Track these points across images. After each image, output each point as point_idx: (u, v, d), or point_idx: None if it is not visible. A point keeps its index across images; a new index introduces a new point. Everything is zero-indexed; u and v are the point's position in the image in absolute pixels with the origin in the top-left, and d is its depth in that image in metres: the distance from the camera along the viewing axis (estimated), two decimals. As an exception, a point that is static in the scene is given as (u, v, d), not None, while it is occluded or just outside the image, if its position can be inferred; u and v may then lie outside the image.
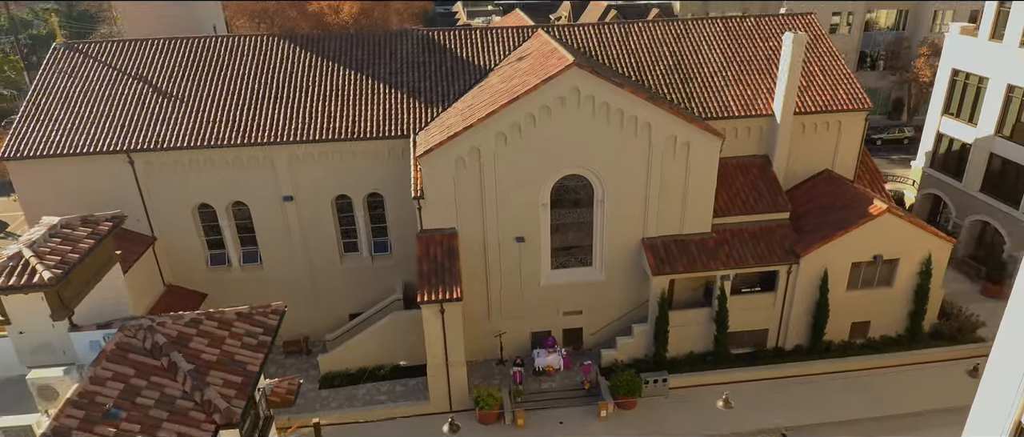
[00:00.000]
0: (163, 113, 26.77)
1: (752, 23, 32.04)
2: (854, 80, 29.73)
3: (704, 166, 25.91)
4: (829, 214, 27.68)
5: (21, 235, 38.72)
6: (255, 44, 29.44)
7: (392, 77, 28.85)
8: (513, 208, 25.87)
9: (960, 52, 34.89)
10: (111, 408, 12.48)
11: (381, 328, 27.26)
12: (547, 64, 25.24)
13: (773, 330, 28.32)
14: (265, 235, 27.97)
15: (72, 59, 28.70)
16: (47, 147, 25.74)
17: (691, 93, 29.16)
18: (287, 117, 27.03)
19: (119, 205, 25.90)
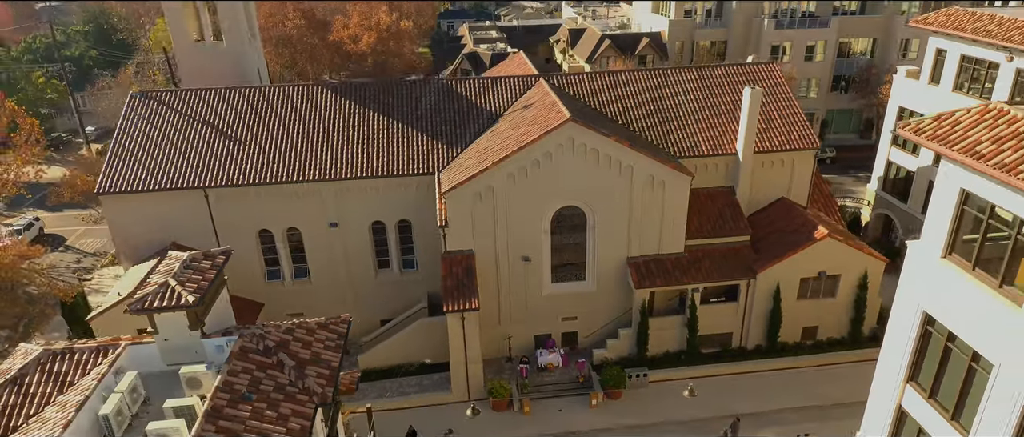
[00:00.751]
0: (230, 154, 32.32)
1: (722, 72, 37.60)
2: (806, 123, 35.31)
3: (677, 199, 31.48)
4: (782, 237, 33.26)
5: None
6: (303, 92, 34.99)
7: (418, 122, 34.39)
8: (520, 233, 31.43)
9: (905, 92, 40.44)
10: (245, 392, 18.19)
11: (411, 332, 32.85)
12: (548, 117, 30.77)
13: (736, 333, 33.92)
14: (313, 254, 33.55)
15: (147, 106, 34.22)
16: (134, 184, 31.25)
17: (668, 134, 34.72)
18: (333, 157, 32.57)
19: (194, 231, 31.49)
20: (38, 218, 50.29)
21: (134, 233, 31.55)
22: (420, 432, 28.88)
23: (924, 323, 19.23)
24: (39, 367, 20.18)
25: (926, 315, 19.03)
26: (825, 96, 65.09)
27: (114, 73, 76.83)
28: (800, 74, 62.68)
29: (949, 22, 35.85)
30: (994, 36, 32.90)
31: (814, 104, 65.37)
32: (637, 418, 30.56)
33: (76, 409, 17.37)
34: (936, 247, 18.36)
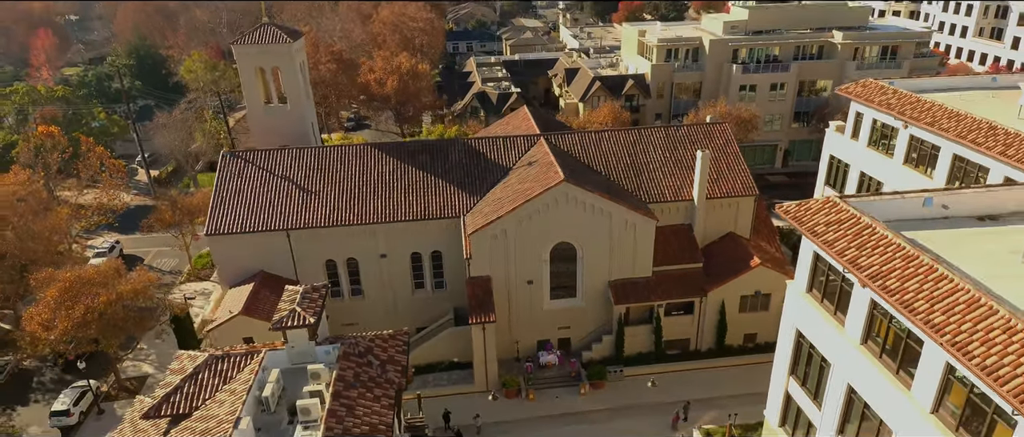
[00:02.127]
0: (304, 202, 42.15)
1: (684, 131, 47.48)
2: (748, 173, 45.19)
3: (645, 236, 41.35)
4: (728, 264, 43.17)
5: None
6: (358, 151, 44.79)
7: (447, 174, 44.21)
8: (525, 263, 41.27)
9: (834, 143, 50.18)
10: (351, 381, 28.20)
11: (442, 338, 42.76)
12: (547, 175, 40.62)
13: (693, 338, 43.86)
14: (366, 278, 43.41)
15: (236, 163, 43.98)
16: (233, 227, 41.04)
17: (640, 183, 44.61)
18: (382, 203, 42.40)
19: (277, 262, 41.31)
20: (119, 241, 60.04)
21: (232, 263, 41.40)
22: (452, 413, 38.75)
23: (797, 336, 29.18)
24: (207, 367, 30.14)
25: (798, 331, 28.99)
26: (788, 129, 75.02)
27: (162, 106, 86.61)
28: (765, 111, 72.65)
29: (863, 93, 45.59)
30: (893, 108, 42.66)
31: (778, 135, 75.41)
32: (614, 403, 40.49)
33: (247, 391, 27.21)
34: (802, 286, 28.30)
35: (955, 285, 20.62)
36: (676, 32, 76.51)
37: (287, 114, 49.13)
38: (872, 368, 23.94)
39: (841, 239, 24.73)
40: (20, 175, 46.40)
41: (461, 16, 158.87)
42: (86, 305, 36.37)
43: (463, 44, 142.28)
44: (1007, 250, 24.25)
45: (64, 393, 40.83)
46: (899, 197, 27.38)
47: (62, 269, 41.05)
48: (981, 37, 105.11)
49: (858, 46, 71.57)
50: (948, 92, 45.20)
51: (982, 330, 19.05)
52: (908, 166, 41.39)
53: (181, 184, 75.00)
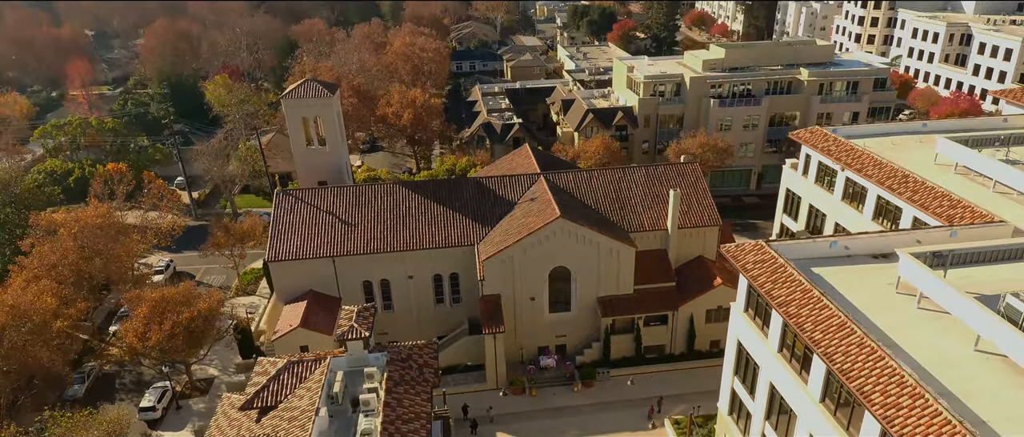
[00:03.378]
0: (346, 233, 50.90)
1: (662, 169, 56.30)
2: (713, 207, 53.99)
3: (626, 260, 50.14)
4: (696, 283, 51.97)
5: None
6: (389, 189, 53.54)
7: (462, 208, 52.98)
8: (529, 282, 50.02)
9: (789, 179, 58.97)
10: (398, 380, 37.28)
11: (459, 345, 51.55)
12: (546, 211, 49.40)
13: (667, 344, 52.67)
14: (396, 295, 52.18)
15: (288, 200, 52.70)
16: (289, 255, 49.77)
17: (624, 214, 53.42)
18: (410, 234, 51.17)
19: (324, 284, 50.06)
20: (172, 260, 68.74)
21: (287, 284, 50.17)
22: (470, 406, 47.49)
23: (738, 345, 38.01)
24: (287, 369, 38.94)
25: (738, 340, 37.83)
26: (761, 155, 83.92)
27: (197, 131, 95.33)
28: (740, 139, 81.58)
29: (810, 139, 54.41)
30: (832, 154, 51.48)
31: (752, 161, 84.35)
32: (602, 399, 49.29)
33: (321, 388, 36.02)
34: (741, 306, 37.11)
35: (831, 312, 29.50)
36: (661, 68, 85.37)
37: (326, 154, 57.90)
38: (784, 370, 32.80)
39: (762, 274, 33.61)
40: (100, 208, 55.02)
41: (464, 36, 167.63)
42: (173, 321, 45.07)
43: (466, 63, 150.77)
44: (885, 283, 33.13)
45: (148, 392, 49.53)
46: (811, 240, 36.32)
47: (145, 289, 49.90)
48: (946, 63, 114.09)
49: (823, 82, 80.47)
50: (885, 137, 54.22)
51: (845, 345, 27.90)
52: (845, 201, 50.24)
53: (218, 204, 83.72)
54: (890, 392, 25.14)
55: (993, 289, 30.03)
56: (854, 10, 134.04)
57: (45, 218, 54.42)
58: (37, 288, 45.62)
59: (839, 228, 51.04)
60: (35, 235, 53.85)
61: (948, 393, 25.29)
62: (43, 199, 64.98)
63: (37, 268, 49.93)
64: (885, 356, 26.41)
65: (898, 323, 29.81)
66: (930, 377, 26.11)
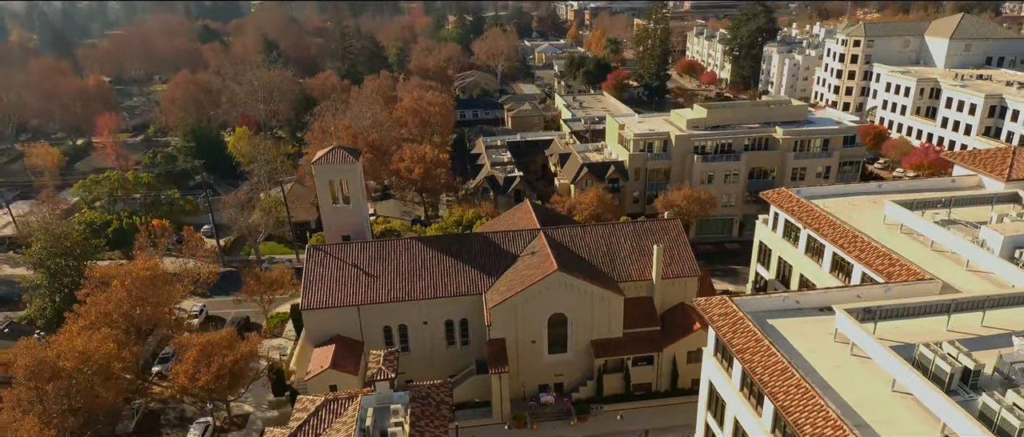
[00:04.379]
0: (368, 284, 57.72)
1: (648, 225, 63.44)
2: (693, 259, 60.97)
3: (616, 307, 56.92)
4: (679, 327, 58.67)
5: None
6: (407, 244, 60.54)
7: (471, 260, 59.90)
8: (530, 327, 56.69)
9: (761, 232, 66.08)
10: (420, 415, 43.97)
11: (468, 383, 57.96)
12: (545, 265, 56.34)
13: (653, 382, 59.11)
14: (412, 338, 58.76)
15: (318, 254, 59.62)
16: (319, 303, 56.50)
17: (614, 266, 60.36)
18: (425, 284, 57.99)
19: (349, 328, 56.69)
20: (205, 305, 75.31)
21: (317, 329, 56.81)
22: (478, 439, 53.77)
23: (710, 384, 44.61)
24: (324, 406, 45.42)
25: (710, 380, 44.47)
26: (742, 205, 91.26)
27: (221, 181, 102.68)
28: (722, 191, 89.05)
29: (777, 199, 61.68)
30: (794, 214, 58.70)
31: (734, 210, 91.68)
32: (595, 432, 55.55)
33: (355, 423, 42.44)
34: (711, 350, 43.84)
35: (777, 358, 36.29)
36: (649, 126, 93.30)
37: (350, 212, 65.08)
38: (744, 406, 39.40)
39: (725, 325, 40.45)
40: (148, 261, 61.87)
41: (466, 84, 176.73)
42: (219, 363, 51.60)
43: (469, 112, 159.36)
44: (826, 333, 39.96)
45: (193, 427, 55.72)
46: (765, 296, 43.27)
47: (184, 333, 56.49)
48: (917, 115, 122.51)
49: (796, 140, 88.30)
50: (843, 197, 61.54)
51: (786, 386, 34.63)
52: (807, 255, 57.28)
53: (242, 251, 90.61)
54: (818, 425, 31.82)
55: (918, 339, 36.83)
56: (833, 63, 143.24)
57: (99, 270, 61.19)
58: (100, 335, 52.18)
59: (804, 278, 58.04)
60: (89, 285, 60.51)
61: (865, 424, 31.96)
62: (90, 250, 71.83)
63: (94, 316, 56.53)
64: (816, 395, 33.14)
65: (833, 367, 36.58)
66: (852, 412, 32.79)
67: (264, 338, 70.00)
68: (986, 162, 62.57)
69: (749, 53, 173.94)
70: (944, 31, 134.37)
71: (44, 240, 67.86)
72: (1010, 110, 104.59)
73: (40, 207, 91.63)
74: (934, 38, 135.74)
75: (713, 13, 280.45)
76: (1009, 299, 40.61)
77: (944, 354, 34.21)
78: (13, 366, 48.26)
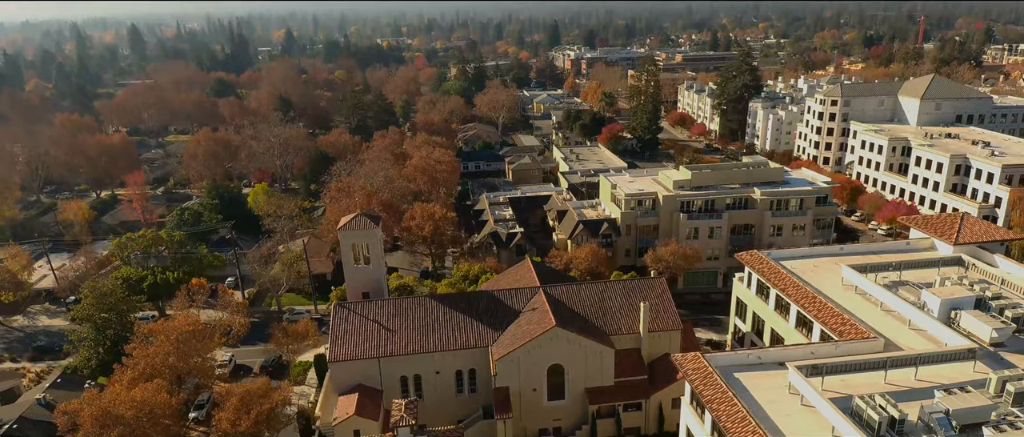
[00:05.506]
0: (387, 338, 65.02)
1: (636, 284, 71.04)
2: (676, 314, 68.40)
3: (607, 359, 64.15)
4: (664, 376, 65.77)
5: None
6: (421, 302, 68.01)
7: (479, 316, 67.29)
8: (531, 377, 63.76)
9: (738, 289, 73.65)
10: None
11: (475, 428, 64.80)
12: (544, 320, 63.75)
13: (642, 426, 65.92)
14: (425, 386, 65.75)
15: (344, 311, 67.02)
16: (346, 355, 63.70)
17: (606, 320, 67.75)
18: (438, 337, 65.28)
19: (369, 378, 63.74)
20: (233, 355, 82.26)
21: (341, 379, 63.87)
22: (485, 478, 60.33)
23: (687, 429, 51.69)
24: (353, 448, 52.38)
25: (687, 426, 51.58)
26: (725, 258, 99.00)
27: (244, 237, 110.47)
28: (707, 246, 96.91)
29: (750, 261, 69.45)
30: (764, 275, 66.39)
31: (718, 264, 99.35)
32: (590, 471, 62.13)
33: (382, 463, 49.40)
34: (688, 400, 51.09)
35: (738, 407, 43.56)
36: (639, 186, 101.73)
37: (369, 271, 72.78)
38: (714, 448, 46.43)
39: (697, 378, 47.78)
40: (190, 317, 69.15)
41: (469, 137, 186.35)
42: (257, 410, 58.54)
43: (472, 164, 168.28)
44: (782, 386, 47.24)
45: (230, 467, 62.17)
46: (731, 353, 50.70)
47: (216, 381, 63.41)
48: (891, 171, 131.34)
49: (773, 200, 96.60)
50: (809, 259, 69.36)
51: (745, 432, 41.82)
52: (776, 312, 64.82)
53: (264, 303, 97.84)
54: (767, 463, 39.00)
55: (857, 391, 44.08)
56: (813, 121, 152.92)
57: (145, 327, 68.46)
58: (153, 385, 59.23)
59: (774, 332, 65.50)
60: (136, 340, 67.65)
61: (806, 464, 39.13)
62: (133, 305, 79.18)
63: (143, 367, 63.59)
64: (767, 439, 40.38)
65: (785, 416, 43.81)
66: (797, 453, 39.98)
67: (289, 385, 76.71)
68: (937, 226, 70.57)
69: (736, 107, 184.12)
70: (916, 91, 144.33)
71: (92, 297, 75.16)
72: (973, 169, 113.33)
73: (78, 261, 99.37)
74: (907, 98, 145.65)
75: (703, 66, 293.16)
76: (937, 356, 48.04)
77: (875, 405, 41.47)
78: (81, 414, 55.16)
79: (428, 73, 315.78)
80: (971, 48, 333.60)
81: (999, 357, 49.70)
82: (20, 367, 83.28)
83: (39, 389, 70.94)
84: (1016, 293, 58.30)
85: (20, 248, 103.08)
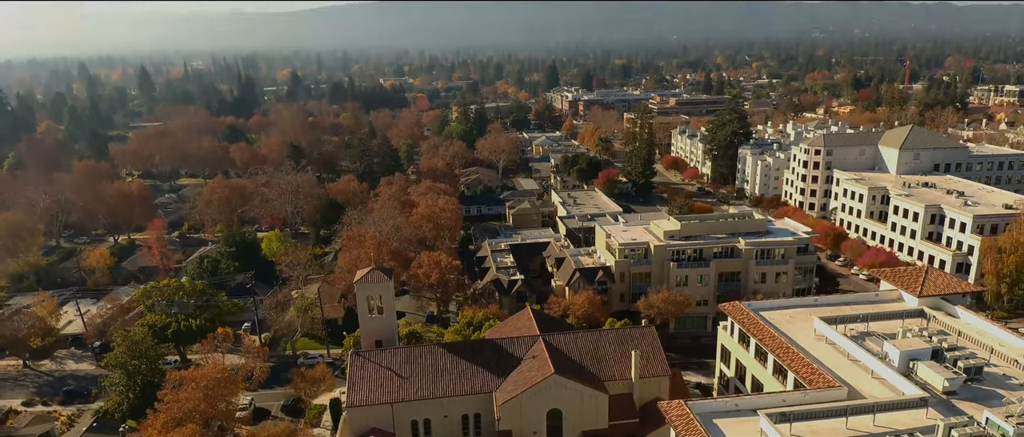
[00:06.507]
0: (400, 384, 70.91)
1: (628, 332, 77.22)
2: (665, 361, 74.44)
3: (602, 403, 69.97)
4: (654, 419, 71.46)
5: None
6: (430, 350, 74.08)
7: (484, 364, 73.27)
8: (532, 420, 69.48)
9: (722, 337, 79.73)
10: None
11: (481, 468, 70.34)
12: (544, 368, 69.78)
13: (634, 466, 71.48)
14: (434, 429, 71.38)
15: (360, 360, 73.02)
16: (362, 401, 69.51)
17: (600, 367, 73.74)
18: (446, 384, 71.18)
19: (383, 422, 69.47)
20: (252, 398, 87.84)
21: (358, 423, 69.58)
22: (490, 515, 65.62)
23: (672, 469, 57.40)
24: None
25: (672, 466, 57.32)
26: (714, 304, 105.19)
27: (259, 283, 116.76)
28: (696, 293, 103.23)
29: (731, 311, 75.70)
30: (745, 325, 72.62)
31: (707, 309, 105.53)
32: (587, 509, 67.46)
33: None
34: (672, 443, 56.92)
35: (715, 451, 49.51)
36: (632, 236, 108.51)
37: (382, 320, 79.04)
38: (695, 487, 52.16)
39: (680, 424, 53.73)
40: (219, 365, 75.05)
41: (471, 182, 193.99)
42: (282, 452, 64.23)
43: (474, 208, 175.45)
44: (756, 432, 53.17)
45: (254, 505, 67.54)
46: (711, 400, 56.76)
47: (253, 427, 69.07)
48: (871, 218, 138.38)
49: (756, 250, 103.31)
50: (785, 310, 75.69)
51: (719, 472, 47.75)
52: (756, 360, 70.91)
53: (280, 347, 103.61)
54: (738, 500, 44.85)
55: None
56: (798, 169, 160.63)
57: (176, 375, 74.36)
58: (186, 431, 64.91)
59: (754, 379, 71.53)
60: (168, 387, 73.43)
61: (772, 501, 44.97)
62: (163, 352, 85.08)
63: (175, 412, 69.29)
64: (739, 479, 46.30)
65: (756, 457, 49.74)
66: (764, 491, 45.84)
67: (304, 427, 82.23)
68: (903, 279, 77.09)
69: (726, 153, 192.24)
70: (895, 141, 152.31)
71: (123, 345, 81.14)
72: (947, 218, 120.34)
73: (103, 307, 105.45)
74: (886, 148, 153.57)
75: (696, 110, 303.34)
76: (893, 405, 54.10)
77: (834, 449, 47.58)
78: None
79: (431, 116, 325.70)
80: (956, 91, 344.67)
81: (951, 405, 55.75)
82: (52, 410, 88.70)
83: (75, 432, 76.47)
84: (971, 344, 64.62)
85: (48, 295, 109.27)
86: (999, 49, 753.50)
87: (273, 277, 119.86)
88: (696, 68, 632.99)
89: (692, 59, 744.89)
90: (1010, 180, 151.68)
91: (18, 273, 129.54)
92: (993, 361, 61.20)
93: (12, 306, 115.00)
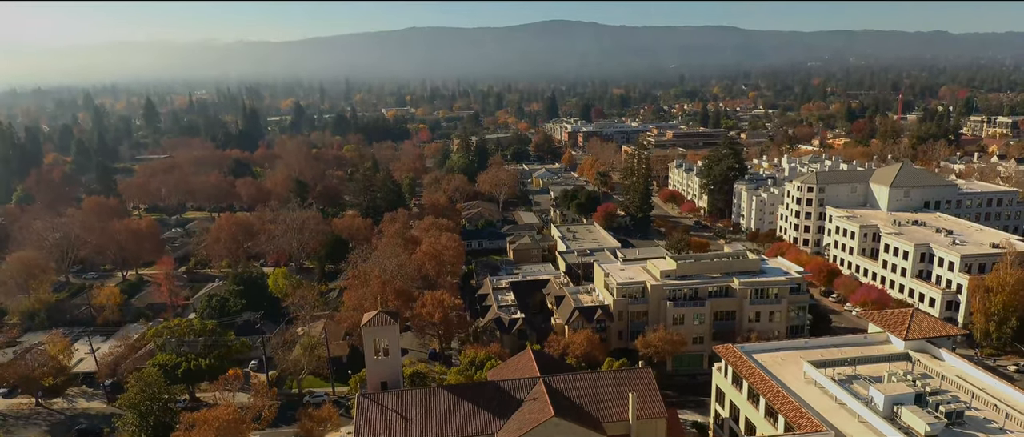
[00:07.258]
0: (406, 425, 73.52)
1: (625, 374, 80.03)
2: (661, 403, 77.11)
3: (601, 445, 72.62)
4: (651, 460, 74.02)
5: None
6: (434, 392, 76.82)
7: (486, 406, 75.92)
8: (533, 462, 72.02)
9: (717, 378, 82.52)
10: None
11: (484, 508, 72.63)
12: (544, 410, 72.45)
13: (632, 506, 73.78)
14: (439, 471, 73.87)
15: (366, 402, 75.70)
16: (366, 441, 72.16)
17: (599, 409, 76.39)
18: (450, 425, 73.76)
19: (390, 462, 71.97)
20: None
21: (364, 463, 72.04)
22: None
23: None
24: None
25: (667, 508, 59.94)
26: (709, 342, 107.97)
27: (266, 320, 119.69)
28: (692, 331, 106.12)
29: (725, 354, 78.65)
30: (738, 368, 75.51)
31: (703, 347, 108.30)
32: None
33: None
34: (667, 486, 59.63)
35: (706, 495, 52.21)
36: (629, 275, 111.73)
37: (387, 363, 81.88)
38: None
39: (674, 469, 56.50)
40: (229, 406, 77.76)
41: (472, 216, 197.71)
42: (292, 492, 66.60)
43: (475, 242, 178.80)
44: (746, 473, 55.98)
45: None
46: None
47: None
48: (863, 255, 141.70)
49: (750, 289, 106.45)
50: (778, 352, 78.70)
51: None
52: (749, 401, 73.70)
53: (285, 385, 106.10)
54: None
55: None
56: (792, 205, 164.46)
57: (189, 417, 77.03)
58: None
59: (747, 420, 74.22)
60: (182, 428, 76.03)
61: None
62: (174, 392, 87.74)
63: (189, 453, 71.91)
64: (729, 523, 48.96)
65: (746, 501, 52.43)
66: (753, 535, 48.49)
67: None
68: (890, 322, 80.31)
69: (722, 188, 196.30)
70: (885, 179, 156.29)
71: (137, 386, 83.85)
72: (936, 257, 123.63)
73: (114, 345, 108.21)
74: (877, 185, 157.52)
75: (693, 143, 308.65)
76: (875, 448, 57.02)
77: (818, 493, 50.35)
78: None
79: (432, 148, 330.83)
80: (949, 123, 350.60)
81: (932, 448, 58.60)
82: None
83: (91, 472, 78.75)
84: (954, 387, 67.57)
85: (59, 332, 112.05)
86: (993, 77, 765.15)
87: (279, 314, 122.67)
88: (693, 98, 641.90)
89: (689, 89, 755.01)
90: (999, 216, 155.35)
91: (30, 310, 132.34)
92: (974, 404, 64.14)
93: (24, 343, 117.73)
